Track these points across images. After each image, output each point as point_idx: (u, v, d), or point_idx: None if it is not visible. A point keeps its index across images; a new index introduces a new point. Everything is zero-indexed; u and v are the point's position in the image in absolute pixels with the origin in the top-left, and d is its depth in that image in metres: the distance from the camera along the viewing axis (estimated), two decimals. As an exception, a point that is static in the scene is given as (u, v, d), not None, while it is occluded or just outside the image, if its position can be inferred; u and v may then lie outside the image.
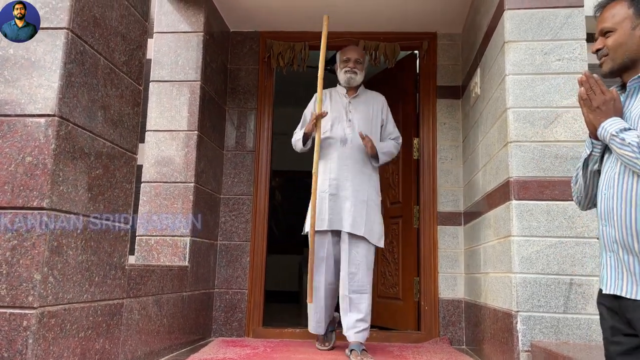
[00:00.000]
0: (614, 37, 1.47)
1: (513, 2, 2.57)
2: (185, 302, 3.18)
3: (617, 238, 1.37)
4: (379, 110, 3.20)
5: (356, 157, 3.05)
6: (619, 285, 1.37)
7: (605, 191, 1.43)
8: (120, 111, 2.31)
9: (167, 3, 3.51)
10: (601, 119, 1.44)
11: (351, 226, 2.96)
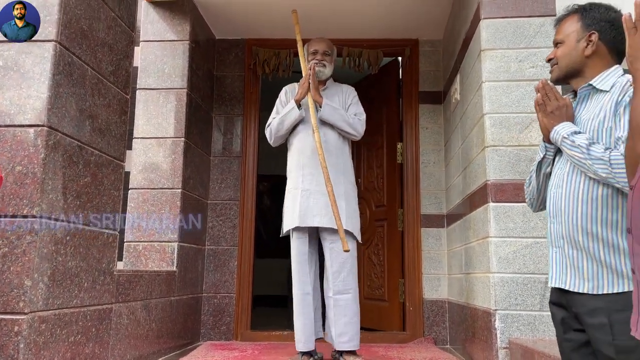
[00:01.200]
0: (562, 49, 1.59)
1: (489, 11, 2.67)
2: (174, 306, 3.22)
3: (563, 234, 1.47)
4: (345, 98, 3.03)
5: (329, 150, 2.87)
6: (564, 279, 1.46)
7: (554, 190, 1.53)
8: (108, 120, 2.37)
9: (153, 12, 3.57)
10: (554, 123, 1.54)
11: (330, 221, 2.76)
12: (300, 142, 2.94)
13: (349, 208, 2.87)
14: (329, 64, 3.00)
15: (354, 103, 3.04)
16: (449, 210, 3.70)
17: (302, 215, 2.81)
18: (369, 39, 4.08)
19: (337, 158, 2.91)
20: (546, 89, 1.57)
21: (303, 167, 2.89)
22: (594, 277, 1.44)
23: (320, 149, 2.75)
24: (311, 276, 2.87)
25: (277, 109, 3.06)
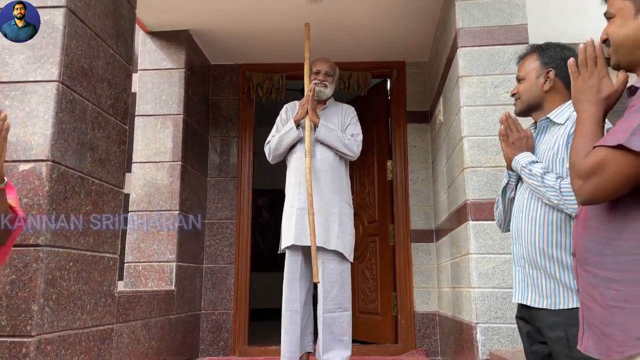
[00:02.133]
0: (524, 84, 1.75)
1: (465, 40, 2.83)
2: (173, 324, 3.35)
3: (524, 254, 1.61)
4: (344, 118, 3.08)
5: (326, 169, 2.92)
6: (525, 296, 1.61)
7: (516, 214, 1.67)
8: (108, 150, 2.52)
9: (150, 41, 3.74)
10: (515, 153, 1.69)
11: (322, 241, 2.81)
12: (297, 160, 2.98)
13: (340, 228, 2.88)
14: (330, 85, 3.07)
15: (352, 123, 3.08)
16: (437, 226, 3.84)
17: (296, 234, 2.86)
18: (358, 61, 4.25)
19: (333, 177, 2.94)
20: (509, 121, 1.73)
21: (299, 185, 2.93)
22: (551, 294, 1.59)
23: (309, 174, 2.81)
24: (302, 294, 2.89)
25: (277, 126, 3.11)
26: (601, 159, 1.05)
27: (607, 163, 1.04)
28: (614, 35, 1.19)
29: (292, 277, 2.91)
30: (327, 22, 3.62)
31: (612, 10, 1.20)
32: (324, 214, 2.86)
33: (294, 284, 2.89)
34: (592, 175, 1.06)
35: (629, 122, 1.03)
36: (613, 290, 1.07)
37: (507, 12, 2.82)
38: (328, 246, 2.83)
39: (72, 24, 2.24)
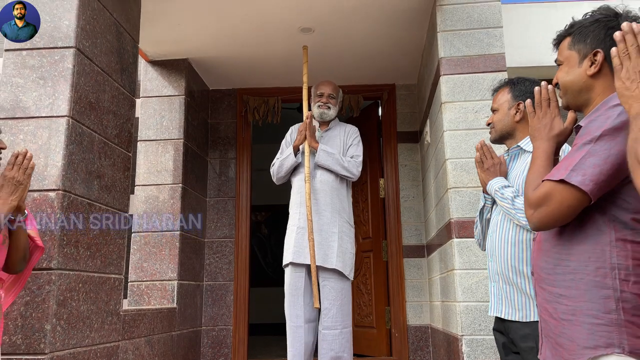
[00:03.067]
0: (497, 115, 1.94)
1: (447, 68, 3.02)
2: (175, 340, 3.50)
3: (498, 271, 1.78)
4: (347, 138, 3.17)
5: (326, 189, 3.01)
6: (500, 309, 1.77)
7: (491, 234, 1.84)
8: (113, 177, 2.69)
9: (151, 70, 3.94)
10: (490, 178, 1.87)
11: (322, 259, 2.90)
12: (299, 181, 3.07)
13: (340, 247, 2.94)
14: (333, 107, 3.16)
15: (354, 144, 3.17)
16: (428, 241, 4.00)
17: (296, 252, 2.95)
18: (351, 85, 4.44)
19: (333, 198, 3.01)
20: (484, 149, 1.91)
21: (300, 205, 3.03)
22: (523, 308, 1.75)
23: (309, 200, 2.91)
24: (305, 310, 2.93)
25: (282, 148, 3.21)
26: (547, 191, 1.21)
27: (552, 195, 1.20)
28: (562, 80, 1.37)
29: (294, 293, 2.96)
30: (320, 49, 3.82)
31: (561, 58, 1.39)
32: (324, 233, 2.94)
33: (297, 299, 2.94)
34: (541, 205, 1.23)
35: (571, 160, 1.20)
36: (563, 304, 1.23)
37: (486, 42, 3.02)
38: (327, 265, 2.90)
39: (81, 63, 2.42)
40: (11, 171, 1.75)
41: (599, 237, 1.18)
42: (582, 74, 1.32)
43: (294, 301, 2.97)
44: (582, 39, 1.33)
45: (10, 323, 2.11)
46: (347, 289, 2.97)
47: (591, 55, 1.29)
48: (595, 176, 1.13)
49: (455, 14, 3.07)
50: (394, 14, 3.38)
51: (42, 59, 2.38)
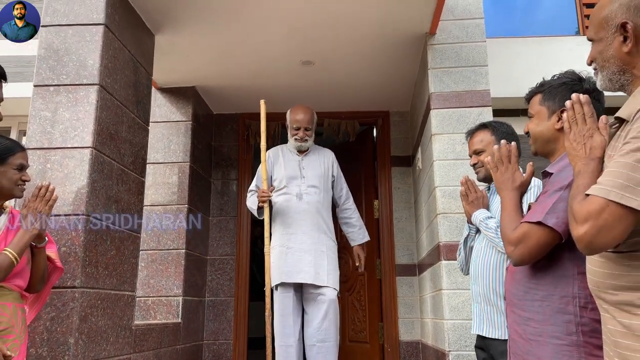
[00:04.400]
0: (484, 156, 2.14)
1: (437, 103, 3.29)
2: (179, 354, 3.69)
3: (480, 293, 2.01)
4: (329, 166, 3.36)
5: (312, 210, 3.18)
6: (482, 328, 2.00)
7: (474, 259, 2.08)
8: (129, 201, 2.91)
9: (160, 96, 4.18)
10: (474, 209, 2.10)
11: (314, 278, 3.06)
12: (285, 202, 3.22)
13: (329, 265, 3.16)
14: (310, 138, 3.33)
15: (339, 178, 3.42)
16: (419, 261, 4.23)
17: (287, 272, 3.08)
18: (347, 111, 4.70)
19: (319, 219, 3.21)
20: (468, 184, 2.15)
21: (287, 226, 3.18)
22: (502, 326, 1.98)
23: (268, 259, 3.17)
24: (295, 329, 3.08)
25: (258, 173, 3.33)
26: (525, 231, 1.43)
27: (530, 234, 1.42)
28: (533, 130, 1.61)
29: (285, 313, 3.10)
30: (319, 78, 4.08)
31: (533, 112, 1.63)
32: (314, 252, 3.12)
33: (287, 319, 3.08)
34: (520, 243, 1.44)
35: (544, 205, 1.43)
36: (531, 327, 1.45)
37: (472, 79, 3.29)
38: (319, 282, 3.08)
39: (103, 98, 2.66)
40: (34, 202, 1.94)
41: (563, 271, 1.40)
42: (551, 127, 1.57)
43: (284, 322, 3.09)
44: (552, 98, 1.58)
45: (37, 337, 2.32)
46: (336, 303, 3.13)
47: (558, 112, 1.55)
48: (566, 219, 1.32)
49: (445, 53, 3.35)
50: (388, 49, 3.65)
51: (68, 94, 2.61)
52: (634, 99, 1.15)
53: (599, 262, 1.16)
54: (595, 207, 1.04)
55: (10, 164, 1.91)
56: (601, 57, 1.23)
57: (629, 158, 1.03)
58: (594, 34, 1.25)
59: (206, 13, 3.18)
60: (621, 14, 1.17)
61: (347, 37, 3.49)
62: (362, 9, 3.16)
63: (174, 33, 3.40)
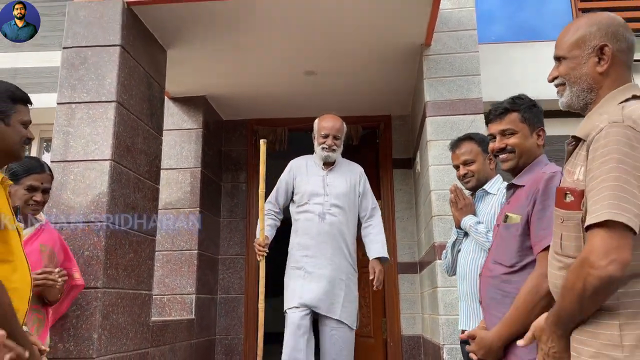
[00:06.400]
0: (475, 166, 2.30)
1: (432, 111, 3.47)
2: (193, 348, 3.94)
3: (468, 291, 2.21)
4: (356, 182, 3.01)
5: (335, 233, 2.86)
6: (468, 324, 2.19)
7: (463, 260, 2.27)
8: (144, 207, 3.15)
9: (172, 106, 4.42)
10: (463, 215, 2.29)
11: (328, 309, 2.78)
12: (307, 221, 2.90)
13: (346, 297, 2.83)
14: (338, 148, 2.99)
15: (367, 192, 3.04)
16: (420, 259, 4.42)
17: (302, 297, 2.80)
18: (350, 115, 4.87)
19: (341, 242, 2.87)
20: (457, 192, 2.34)
21: (306, 248, 2.87)
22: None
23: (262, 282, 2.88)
24: (307, 349, 2.78)
25: (280, 182, 3.08)
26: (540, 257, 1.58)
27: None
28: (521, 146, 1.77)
29: (296, 332, 2.79)
30: (321, 86, 4.28)
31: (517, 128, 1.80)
32: (331, 280, 2.81)
33: (298, 339, 2.78)
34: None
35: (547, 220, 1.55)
36: None
37: (466, 87, 3.46)
38: (332, 315, 2.79)
39: (120, 113, 2.90)
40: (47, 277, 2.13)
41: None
42: (534, 144, 1.77)
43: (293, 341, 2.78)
44: (532, 117, 1.78)
45: (64, 333, 2.57)
46: (352, 337, 2.85)
47: (538, 131, 1.76)
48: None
49: (439, 63, 3.53)
50: (387, 59, 3.84)
51: (89, 111, 2.85)
52: (590, 120, 1.28)
53: (558, 266, 1.28)
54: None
55: (22, 184, 2.13)
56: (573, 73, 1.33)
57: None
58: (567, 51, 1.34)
59: (214, 29, 3.40)
60: (599, 37, 1.28)
61: (348, 49, 3.68)
62: (361, 23, 3.35)
63: (185, 48, 3.62)
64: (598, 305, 1.13)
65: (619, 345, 1.11)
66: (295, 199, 3.01)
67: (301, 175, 3.01)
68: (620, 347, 1.10)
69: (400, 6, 3.18)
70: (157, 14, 3.17)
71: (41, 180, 2.22)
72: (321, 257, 2.84)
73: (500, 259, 1.70)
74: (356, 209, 3.01)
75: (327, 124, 3.00)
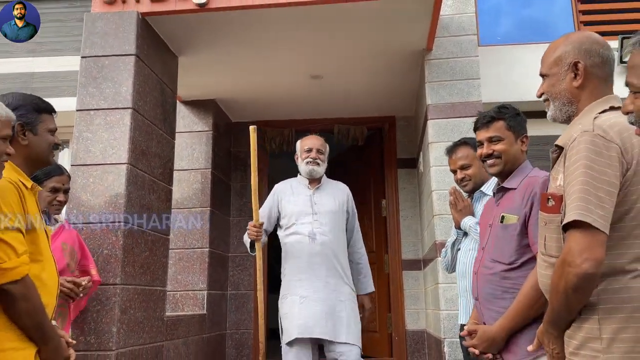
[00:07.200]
0: (472, 170, 2.42)
1: (433, 114, 3.60)
2: (205, 342, 4.11)
3: (467, 287, 2.34)
4: (344, 202, 2.90)
5: (327, 253, 2.73)
6: (467, 318, 2.32)
7: (462, 259, 2.40)
8: (158, 208, 3.31)
9: (184, 109, 4.58)
10: (462, 216, 2.42)
11: (331, 333, 2.62)
12: (298, 244, 2.76)
13: (349, 318, 2.68)
14: (322, 163, 2.89)
15: (353, 214, 2.95)
16: (424, 256, 4.56)
17: (301, 325, 2.63)
18: (356, 117, 5.03)
19: (336, 262, 2.75)
20: (456, 194, 2.46)
21: (299, 271, 2.74)
22: None
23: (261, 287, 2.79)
24: None
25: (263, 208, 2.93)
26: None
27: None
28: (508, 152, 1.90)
29: None
30: (328, 89, 4.42)
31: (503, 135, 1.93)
32: (330, 302, 2.67)
33: None
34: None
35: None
36: None
37: (466, 91, 3.59)
38: (338, 339, 2.63)
39: (136, 119, 3.06)
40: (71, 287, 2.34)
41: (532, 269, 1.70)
42: (519, 150, 1.90)
43: None
44: (517, 125, 1.91)
45: (86, 326, 2.74)
46: (359, 354, 2.69)
47: (522, 138, 1.88)
48: None
49: (441, 67, 3.65)
50: (390, 63, 3.97)
51: (106, 117, 3.02)
52: (569, 130, 1.41)
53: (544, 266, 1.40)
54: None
55: (45, 186, 2.30)
56: (554, 89, 1.47)
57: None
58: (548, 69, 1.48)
59: (224, 36, 3.55)
60: (573, 55, 1.42)
61: (352, 54, 3.82)
62: (365, 29, 3.48)
63: (195, 54, 3.77)
64: (582, 302, 1.25)
65: (598, 337, 1.23)
66: (282, 223, 2.88)
67: (287, 197, 2.89)
68: (599, 340, 1.22)
69: (403, 13, 3.30)
70: (170, 23, 3.33)
71: (62, 182, 2.39)
72: (315, 280, 2.70)
73: (499, 257, 1.80)
74: (344, 228, 2.89)
75: (309, 140, 2.95)
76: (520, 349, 1.68)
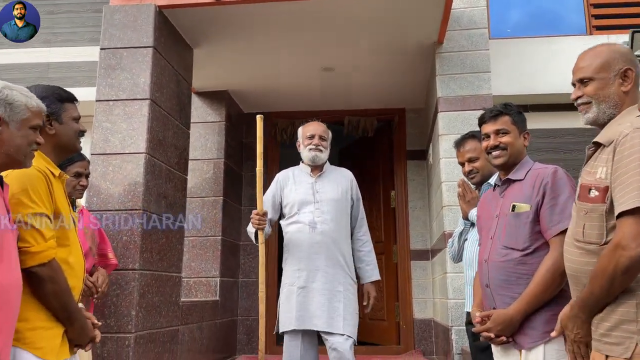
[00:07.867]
0: (480, 162, 2.48)
1: (443, 106, 3.65)
2: (217, 327, 4.22)
3: (474, 277, 2.41)
4: (347, 189, 2.84)
5: (328, 242, 2.68)
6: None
7: (469, 248, 2.47)
8: (174, 196, 3.41)
9: (197, 100, 4.66)
10: (470, 208, 2.49)
11: (327, 324, 2.60)
12: (297, 232, 2.73)
13: (346, 309, 2.65)
14: (325, 149, 2.83)
15: (358, 201, 2.89)
16: (432, 247, 4.63)
17: (299, 317, 2.63)
18: (366, 109, 5.09)
19: (335, 252, 2.71)
20: (464, 186, 2.53)
21: (299, 261, 2.70)
22: None
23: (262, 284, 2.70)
24: None
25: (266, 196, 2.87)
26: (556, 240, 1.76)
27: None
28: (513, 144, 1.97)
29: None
30: (339, 81, 4.48)
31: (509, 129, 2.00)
32: (327, 293, 2.65)
33: None
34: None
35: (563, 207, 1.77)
36: None
37: (476, 84, 3.63)
38: (334, 330, 2.62)
39: (153, 110, 3.14)
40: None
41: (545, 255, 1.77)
42: (521, 144, 1.97)
43: None
44: (520, 121, 1.98)
45: (106, 310, 2.85)
46: (352, 354, 2.63)
47: (524, 134, 1.96)
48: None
49: (451, 61, 3.70)
50: (402, 56, 4.02)
51: (125, 108, 3.10)
52: (610, 129, 1.50)
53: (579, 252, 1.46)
54: None
55: (69, 172, 2.38)
56: (602, 93, 1.54)
57: None
58: (594, 74, 1.53)
59: (239, 29, 3.61)
60: (623, 62, 1.52)
61: (364, 46, 3.87)
62: (377, 22, 3.53)
63: (210, 46, 3.84)
64: (626, 285, 1.32)
65: (634, 320, 1.30)
66: (285, 212, 2.84)
67: (289, 185, 2.85)
68: (635, 322, 1.29)
69: (414, 6, 3.35)
70: (186, 16, 3.40)
71: (84, 167, 2.48)
72: (313, 270, 2.67)
73: (512, 244, 1.85)
74: (349, 216, 2.84)
75: (312, 127, 2.89)
76: (534, 331, 1.73)
